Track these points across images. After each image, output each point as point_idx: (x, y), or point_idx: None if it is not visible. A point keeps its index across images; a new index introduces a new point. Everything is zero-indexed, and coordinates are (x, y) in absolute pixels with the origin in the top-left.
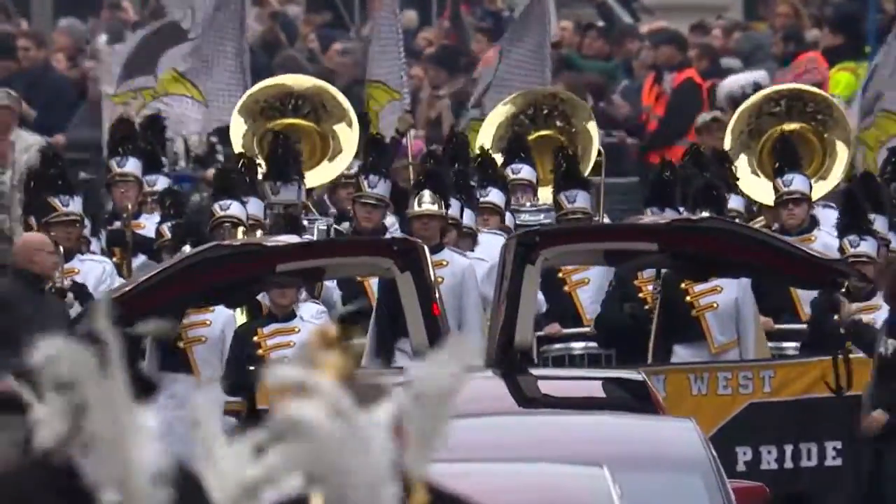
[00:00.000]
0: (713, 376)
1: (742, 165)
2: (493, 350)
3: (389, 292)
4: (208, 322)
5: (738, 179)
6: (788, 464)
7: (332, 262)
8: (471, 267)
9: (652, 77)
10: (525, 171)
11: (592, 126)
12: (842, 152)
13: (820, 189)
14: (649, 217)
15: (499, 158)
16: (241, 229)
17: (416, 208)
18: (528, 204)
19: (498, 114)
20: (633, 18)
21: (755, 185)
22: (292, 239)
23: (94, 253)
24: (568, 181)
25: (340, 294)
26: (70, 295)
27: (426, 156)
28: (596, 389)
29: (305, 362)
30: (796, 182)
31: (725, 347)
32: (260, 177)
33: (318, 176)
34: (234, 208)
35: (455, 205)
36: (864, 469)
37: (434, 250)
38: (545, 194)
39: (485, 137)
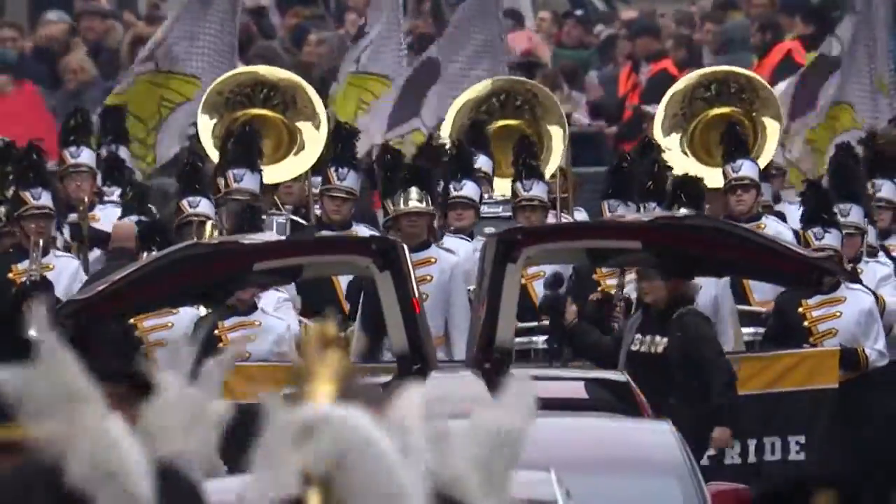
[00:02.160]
0: None
1: (675, 150)
2: (473, 350)
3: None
4: (170, 325)
5: (670, 168)
6: (752, 458)
7: (310, 261)
8: (459, 264)
9: (629, 66)
10: (481, 162)
11: (558, 131)
12: (772, 131)
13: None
14: (632, 214)
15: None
16: (209, 224)
17: (403, 206)
18: (485, 196)
19: (465, 97)
20: (607, 6)
21: (688, 170)
22: (270, 237)
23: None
24: (527, 171)
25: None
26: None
27: (382, 151)
28: (578, 390)
29: (303, 361)
30: (745, 168)
31: None
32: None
33: (281, 172)
34: (203, 205)
35: (471, 187)
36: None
37: (421, 247)
38: (503, 186)
39: (448, 122)
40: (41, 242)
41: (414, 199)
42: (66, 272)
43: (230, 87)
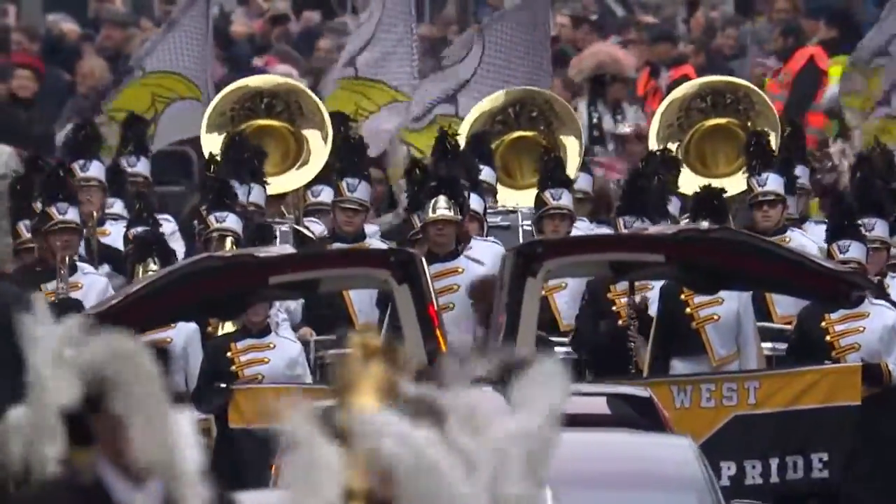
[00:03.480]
0: (696, 388)
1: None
2: (493, 365)
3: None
4: (169, 339)
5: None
6: (774, 478)
7: (327, 274)
8: (479, 272)
9: (647, 71)
10: (486, 173)
11: (573, 142)
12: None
13: (746, 181)
14: (656, 227)
15: None
16: (229, 241)
17: (431, 214)
18: (488, 207)
19: (479, 108)
20: (626, 11)
21: (685, 180)
22: (286, 250)
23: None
24: (555, 179)
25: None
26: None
27: (411, 165)
28: (601, 406)
29: (347, 373)
30: (771, 182)
31: (726, 361)
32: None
33: (287, 182)
34: (230, 221)
35: (475, 199)
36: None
37: (449, 257)
38: (514, 197)
39: (463, 133)
40: (67, 259)
41: (442, 208)
42: (93, 290)
43: (230, 105)
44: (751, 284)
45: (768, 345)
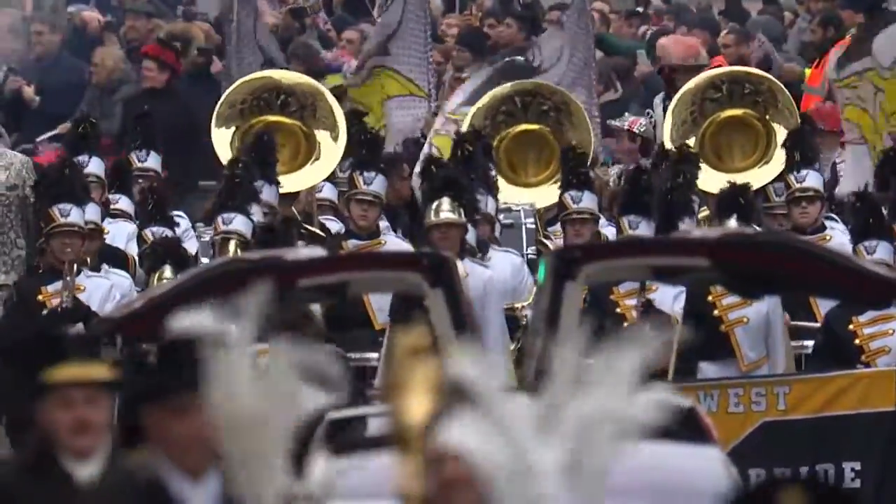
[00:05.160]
0: (724, 393)
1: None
2: (530, 373)
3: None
4: None
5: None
6: None
7: (358, 277)
8: (492, 279)
9: None
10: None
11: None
12: (781, 132)
13: (763, 175)
14: (699, 229)
15: None
16: (233, 244)
17: (434, 218)
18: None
19: (485, 100)
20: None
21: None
22: (315, 252)
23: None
24: (578, 181)
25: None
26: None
27: (428, 161)
28: None
29: (396, 372)
30: (810, 178)
31: (756, 365)
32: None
33: (299, 180)
34: (237, 222)
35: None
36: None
37: None
38: (517, 195)
39: (465, 125)
40: (74, 263)
41: (445, 210)
42: (96, 293)
43: (244, 96)
44: (799, 289)
45: (809, 343)
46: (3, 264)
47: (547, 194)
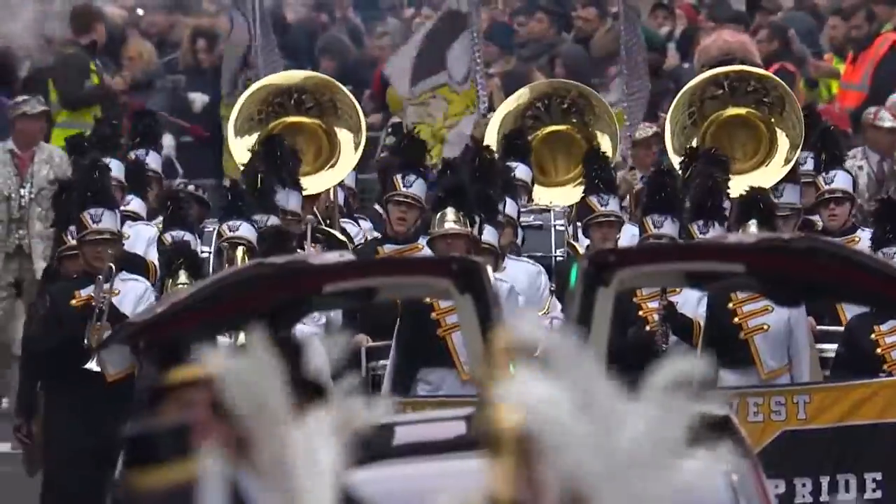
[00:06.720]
0: (743, 402)
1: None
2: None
3: (411, 317)
4: None
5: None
6: (825, 497)
7: (385, 282)
8: (513, 291)
9: None
10: (520, 171)
11: (607, 141)
12: (782, 144)
13: (764, 178)
14: (734, 235)
15: None
16: (240, 250)
17: (438, 228)
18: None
19: (503, 110)
20: None
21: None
22: (341, 256)
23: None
24: (603, 184)
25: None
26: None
27: (444, 167)
28: None
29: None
30: (839, 180)
31: (776, 373)
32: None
33: (321, 182)
34: (243, 230)
35: (510, 204)
36: None
37: None
38: (549, 195)
39: (491, 134)
40: (106, 269)
41: (450, 221)
42: (130, 295)
43: (256, 107)
44: (835, 296)
45: (829, 347)
46: (49, 258)
47: (569, 194)
